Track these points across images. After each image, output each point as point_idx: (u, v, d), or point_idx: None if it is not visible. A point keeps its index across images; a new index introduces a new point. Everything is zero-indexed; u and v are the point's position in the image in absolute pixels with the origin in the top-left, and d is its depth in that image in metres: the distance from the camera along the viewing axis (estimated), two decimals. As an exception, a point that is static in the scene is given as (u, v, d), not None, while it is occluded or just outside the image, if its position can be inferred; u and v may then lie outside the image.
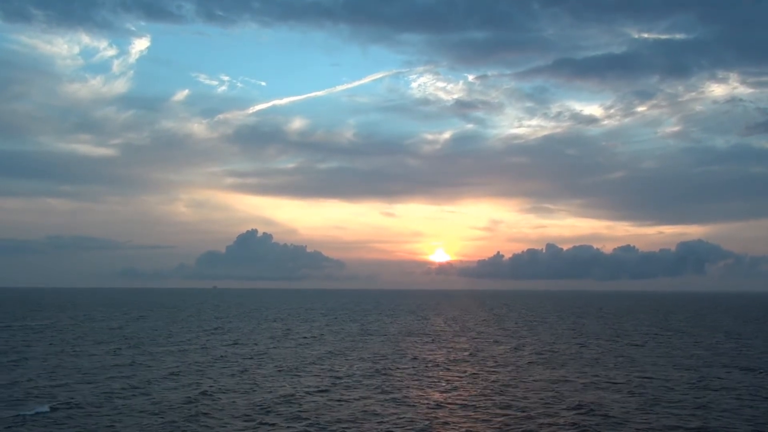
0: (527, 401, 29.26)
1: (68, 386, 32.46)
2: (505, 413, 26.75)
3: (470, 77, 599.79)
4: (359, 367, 40.55)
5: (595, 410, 27.26)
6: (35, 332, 67.20)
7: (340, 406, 28.08)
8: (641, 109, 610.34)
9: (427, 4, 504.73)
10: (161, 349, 50.53)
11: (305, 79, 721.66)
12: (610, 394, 31.41)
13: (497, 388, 32.88)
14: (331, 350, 50.57)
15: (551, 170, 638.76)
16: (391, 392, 31.40)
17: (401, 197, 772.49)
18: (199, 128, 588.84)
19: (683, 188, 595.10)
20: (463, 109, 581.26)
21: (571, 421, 25.41)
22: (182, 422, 24.78)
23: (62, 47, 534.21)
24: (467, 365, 41.92)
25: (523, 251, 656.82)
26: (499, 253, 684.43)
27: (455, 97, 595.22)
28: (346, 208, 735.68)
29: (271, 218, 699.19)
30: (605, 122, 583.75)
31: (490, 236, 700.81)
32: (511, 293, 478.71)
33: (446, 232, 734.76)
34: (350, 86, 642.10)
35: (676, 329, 79.08)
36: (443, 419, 25.75)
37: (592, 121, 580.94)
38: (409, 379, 35.93)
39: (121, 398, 29.33)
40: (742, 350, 52.79)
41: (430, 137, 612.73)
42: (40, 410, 26.49)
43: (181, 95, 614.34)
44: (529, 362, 43.41)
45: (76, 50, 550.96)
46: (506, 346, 55.21)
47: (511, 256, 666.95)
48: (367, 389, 32.25)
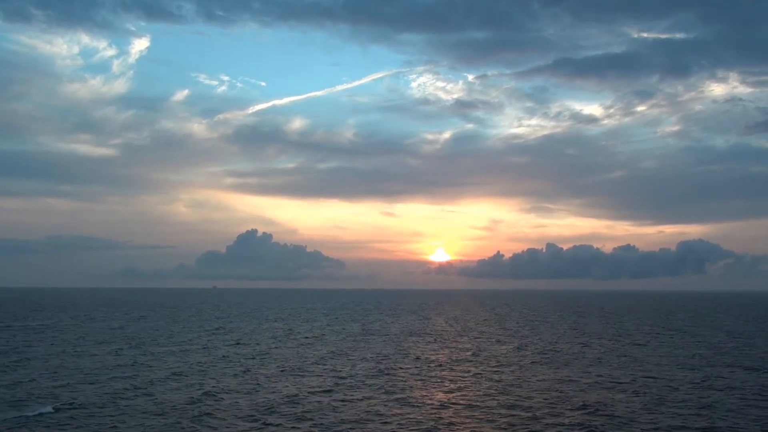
0: (532, 401, 29.15)
1: (70, 387, 32.36)
2: (509, 413, 26.65)
3: (470, 77, 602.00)
4: (362, 367, 40.44)
5: (600, 410, 27.17)
6: (36, 332, 67.09)
7: (343, 406, 27.97)
8: (641, 108, 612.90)
9: (427, 4, 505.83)
10: (163, 349, 50.43)
11: (305, 79, 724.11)
12: (614, 393, 31.31)
13: (501, 388, 32.78)
14: (333, 350, 50.46)
15: (551, 170, 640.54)
16: (394, 392, 31.30)
17: (401, 197, 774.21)
18: (199, 128, 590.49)
19: (683, 188, 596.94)
20: (463, 108, 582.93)
21: (576, 421, 25.30)
22: (186, 423, 24.66)
23: (62, 47, 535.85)
24: (470, 365, 41.81)
25: (523, 251, 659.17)
26: (499, 252, 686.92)
27: (455, 96, 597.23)
28: (346, 208, 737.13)
29: (271, 218, 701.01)
30: (605, 122, 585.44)
31: (490, 236, 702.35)
32: (511, 293, 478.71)
33: (446, 231, 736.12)
34: (350, 86, 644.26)
35: (677, 329, 79.00)
36: (448, 419, 25.63)
37: (591, 120, 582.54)
38: (412, 379, 35.82)
39: (124, 399, 29.22)
40: (744, 350, 52.70)
41: (430, 137, 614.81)
42: (42, 411, 26.38)
43: (180, 95, 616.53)
44: (532, 362, 43.32)
45: (75, 50, 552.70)
46: (509, 345, 55.12)
47: (511, 255, 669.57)
48: (370, 389, 32.14)
